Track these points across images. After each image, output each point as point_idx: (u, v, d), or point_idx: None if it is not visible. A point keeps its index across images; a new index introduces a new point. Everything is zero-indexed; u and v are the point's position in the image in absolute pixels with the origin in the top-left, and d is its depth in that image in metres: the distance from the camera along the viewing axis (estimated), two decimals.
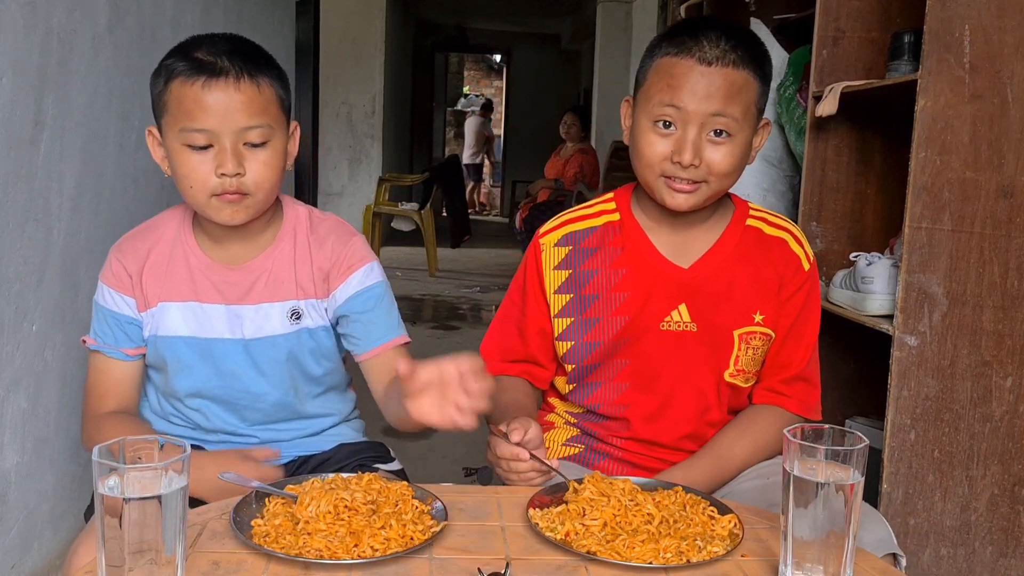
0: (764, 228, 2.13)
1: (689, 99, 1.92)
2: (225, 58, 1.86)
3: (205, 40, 1.92)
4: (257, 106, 1.88)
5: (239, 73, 1.86)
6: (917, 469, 2.68)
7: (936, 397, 2.65)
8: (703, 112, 1.92)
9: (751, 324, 2.08)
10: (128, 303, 2.03)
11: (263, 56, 1.95)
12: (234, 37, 1.95)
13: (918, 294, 2.62)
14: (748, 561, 1.51)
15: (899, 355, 2.65)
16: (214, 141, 1.86)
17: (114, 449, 1.30)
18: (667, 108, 1.94)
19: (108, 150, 3.39)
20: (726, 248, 2.09)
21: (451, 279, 10.39)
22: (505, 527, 1.61)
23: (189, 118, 1.85)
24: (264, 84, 1.90)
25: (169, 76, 1.88)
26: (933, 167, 2.59)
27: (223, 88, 1.84)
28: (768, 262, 2.10)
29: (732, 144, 1.96)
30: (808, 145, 3.38)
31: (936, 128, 2.58)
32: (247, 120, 1.87)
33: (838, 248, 3.42)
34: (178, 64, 1.87)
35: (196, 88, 1.84)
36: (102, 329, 2.04)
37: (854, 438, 1.40)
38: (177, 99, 1.86)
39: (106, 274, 2.05)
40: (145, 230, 2.08)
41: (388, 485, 1.68)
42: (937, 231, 2.60)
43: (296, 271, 2.05)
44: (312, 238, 2.08)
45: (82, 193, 3.17)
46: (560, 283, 2.12)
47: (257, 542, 1.47)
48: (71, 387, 3.16)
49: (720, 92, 1.91)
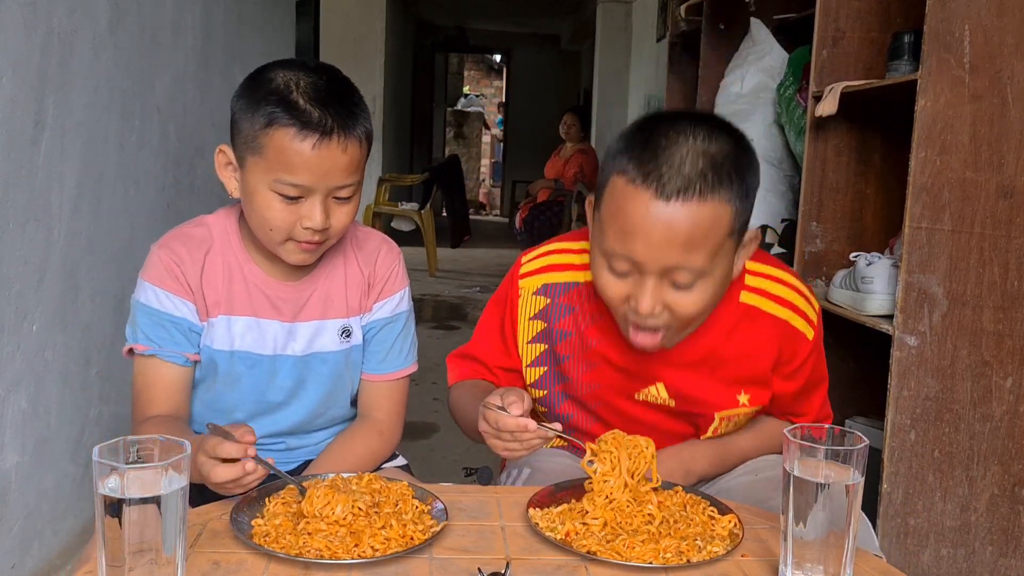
0: (763, 305, 1.92)
1: (643, 251, 1.66)
2: (331, 113, 1.79)
3: (302, 76, 1.83)
4: (355, 164, 1.84)
5: (347, 133, 1.80)
6: (917, 469, 2.68)
7: (936, 397, 2.65)
8: (660, 265, 1.67)
9: (735, 407, 1.98)
10: (189, 308, 1.95)
11: (360, 102, 1.88)
12: (331, 75, 1.88)
13: (918, 294, 2.62)
14: (748, 561, 1.51)
15: (899, 355, 2.65)
16: (306, 194, 1.82)
17: (115, 448, 1.30)
18: (619, 258, 1.70)
19: (109, 151, 3.38)
20: (714, 328, 1.89)
21: (451, 279, 10.39)
22: (505, 527, 1.61)
23: (289, 171, 1.80)
24: (364, 140, 1.85)
25: (271, 122, 1.79)
26: (933, 167, 2.59)
27: (331, 150, 1.79)
28: (764, 344, 1.94)
29: (702, 287, 1.71)
30: (808, 145, 3.38)
31: (936, 128, 2.58)
32: (344, 179, 1.83)
33: (838, 248, 3.42)
34: (283, 115, 1.78)
35: (305, 147, 1.78)
36: (157, 333, 1.94)
37: (854, 438, 1.40)
38: (279, 149, 1.79)
39: (160, 276, 1.95)
40: (192, 235, 1.99)
41: (388, 485, 1.68)
42: (937, 231, 2.60)
43: (347, 289, 2.05)
44: (360, 255, 2.08)
45: (82, 194, 3.17)
46: (535, 333, 2.02)
47: (257, 542, 1.47)
48: (72, 387, 3.16)
49: (680, 239, 1.63)
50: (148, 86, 3.75)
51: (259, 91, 1.82)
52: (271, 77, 1.83)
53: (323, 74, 1.86)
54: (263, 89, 1.82)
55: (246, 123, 1.83)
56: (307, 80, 1.82)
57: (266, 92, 1.81)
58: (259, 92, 1.82)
